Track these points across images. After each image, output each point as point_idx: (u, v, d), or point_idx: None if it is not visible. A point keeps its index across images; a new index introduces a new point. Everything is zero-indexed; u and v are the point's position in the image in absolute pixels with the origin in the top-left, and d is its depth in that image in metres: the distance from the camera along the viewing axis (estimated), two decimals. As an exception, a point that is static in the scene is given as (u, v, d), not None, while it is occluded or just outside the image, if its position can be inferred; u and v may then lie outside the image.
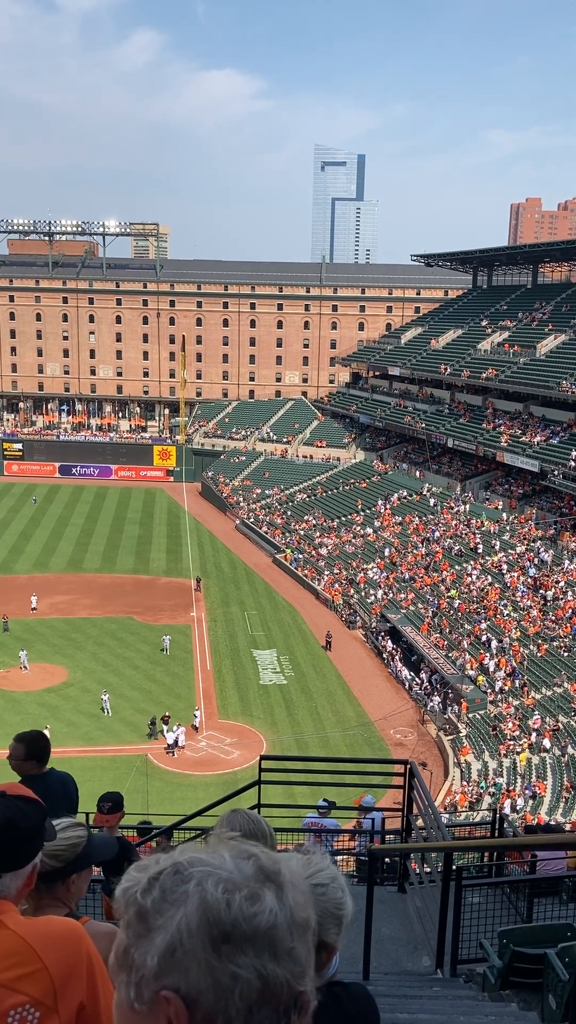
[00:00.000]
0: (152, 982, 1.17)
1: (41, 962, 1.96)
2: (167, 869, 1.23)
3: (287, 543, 73.74)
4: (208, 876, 1.20)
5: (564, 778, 36.16)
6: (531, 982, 7.11)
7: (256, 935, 1.17)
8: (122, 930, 1.23)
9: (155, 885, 1.22)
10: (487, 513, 63.18)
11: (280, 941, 1.19)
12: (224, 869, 1.21)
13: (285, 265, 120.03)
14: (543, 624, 47.56)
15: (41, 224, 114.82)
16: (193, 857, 1.24)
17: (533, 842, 10.71)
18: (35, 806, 2.31)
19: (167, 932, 1.18)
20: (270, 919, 1.19)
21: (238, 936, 1.16)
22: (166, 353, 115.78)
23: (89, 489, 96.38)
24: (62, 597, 62.21)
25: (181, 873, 1.22)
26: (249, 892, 1.19)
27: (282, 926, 1.19)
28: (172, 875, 1.22)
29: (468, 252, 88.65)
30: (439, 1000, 7.13)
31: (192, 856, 1.25)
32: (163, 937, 1.18)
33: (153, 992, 1.17)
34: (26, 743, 5.80)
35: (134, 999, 1.19)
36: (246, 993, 1.16)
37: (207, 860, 1.24)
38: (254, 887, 1.20)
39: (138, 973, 1.19)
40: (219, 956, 1.16)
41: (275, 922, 1.19)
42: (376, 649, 54.30)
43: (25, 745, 5.79)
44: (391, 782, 13.62)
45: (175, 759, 40.83)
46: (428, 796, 10.04)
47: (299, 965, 1.20)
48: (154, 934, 1.19)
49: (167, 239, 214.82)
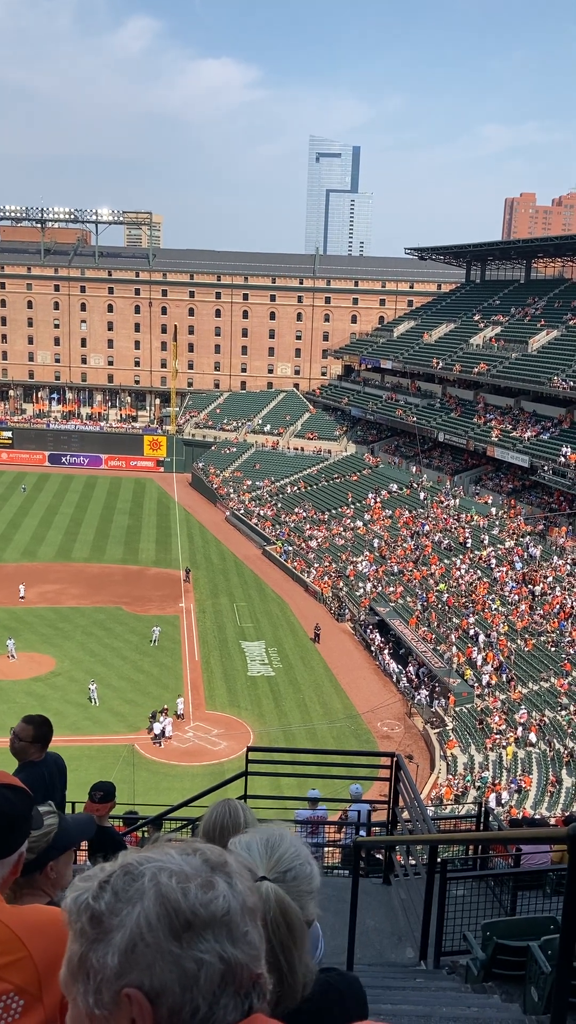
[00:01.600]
0: (113, 982, 1.17)
1: (26, 950, 1.96)
2: (116, 872, 1.24)
3: (277, 535, 73.78)
4: (160, 870, 1.22)
5: (549, 772, 36.38)
6: (514, 974, 7.15)
7: (214, 920, 1.20)
8: (74, 941, 1.22)
9: (106, 888, 1.22)
10: (477, 508, 63.34)
11: (236, 925, 1.22)
12: (174, 863, 1.24)
13: (278, 256, 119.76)
14: (531, 619, 47.76)
15: (33, 211, 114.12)
16: (141, 856, 1.26)
17: (518, 836, 10.77)
18: (21, 794, 2.30)
19: (126, 929, 1.18)
20: (224, 905, 1.22)
21: (198, 923, 1.19)
22: (158, 343, 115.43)
23: (79, 478, 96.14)
24: (50, 586, 62.10)
25: (131, 873, 1.23)
26: (202, 881, 1.22)
27: (236, 911, 1.23)
28: (122, 876, 1.23)
29: (462, 246, 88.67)
30: (422, 991, 7.17)
31: (139, 856, 1.27)
32: (122, 935, 1.18)
33: (115, 992, 1.17)
34: (35, 726, 5.84)
35: (93, 1005, 1.18)
36: (211, 978, 1.18)
37: (156, 857, 1.26)
38: (206, 876, 1.23)
39: (97, 977, 1.18)
40: (181, 944, 1.17)
41: (229, 907, 1.22)
42: (364, 642, 54.43)
43: (35, 728, 5.83)
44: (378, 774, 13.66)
45: (162, 749, 40.89)
46: (414, 789, 10.08)
47: (254, 948, 1.25)
48: (112, 934, 1.19)
49: (160, 228, 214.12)
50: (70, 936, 1.23)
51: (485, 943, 7.49)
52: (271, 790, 21.23)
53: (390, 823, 11.17)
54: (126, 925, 1.19)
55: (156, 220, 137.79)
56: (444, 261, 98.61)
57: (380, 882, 10.55)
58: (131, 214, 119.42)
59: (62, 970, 1.24)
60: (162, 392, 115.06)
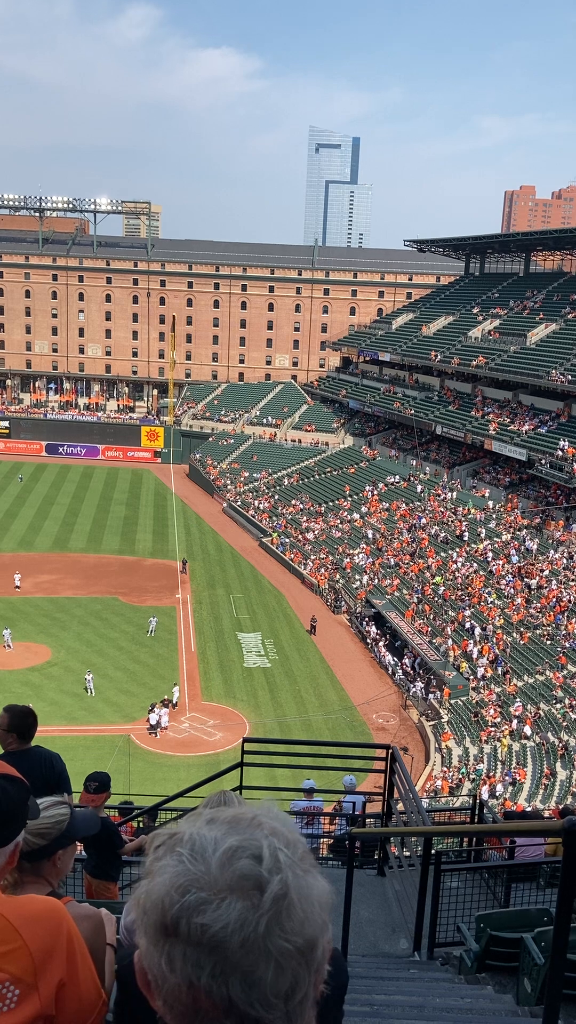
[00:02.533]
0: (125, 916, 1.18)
1: (22, 940, 1.96)
2: (177, 836, 1.19)
3: (274, 527, 73.78)
4: (176, 863, 1.14)
5: (544, 765, 36.49)
6: (507, 966, 7.18)
7: (199, 943, 1.07)
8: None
9: (164, 843, 1.19)
10: (474, 501, 63.37)
11: (230, 959, 1.07)
12: (202, 860, 1.13)
13: (277, 247, 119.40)
14: (527, 612, 47.84)
15: (32, 200, 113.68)
16: (191, 835, 1.17)
17: (512, 828, 10.80)
18: (18, 784, 2.30)
19: (138, 893, 1.16)
20: (221, 933, 1.07)
21: (182, 935, 1.08)
22: (156, 333, 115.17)
23: (76, 469, 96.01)
24: (47, 576, 62.07)
25: (181, 843, 1.17)
26: (206, 897, 1.09)
27: (234, 943, 1.07)
28: (168, 838, 1.19)
29: (461, 239, 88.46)
30: (415, 982, 7.20)
31: (190, 833, 1.18)
32: (138, 892, 1.17)
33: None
34: (11, 715, 5.69)
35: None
36: (173, 994, 1.10)
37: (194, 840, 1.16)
38: (220, 894, 1.09)
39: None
40: (156, 944, 1.11)
41: (225, 937, 1.07)
42: (360, 634, 54.50)
43: (10, 717, 5.68)
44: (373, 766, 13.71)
45: (157, 740, 40.94)
46: (409, 781, 10.11)
47: (256, 991, 1.07)
48: (140, 884, 1.17)
49: (159, 218, 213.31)
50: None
51: (479, 935, 7.53)
52: (266, 781, 21.27)
53: (385, 815, 11.21)
54: (139, 890, 1.17)
55: (155, 210, 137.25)
56: (443, 253, 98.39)
57: (375, 873, 10.60)
58: (130, 204, 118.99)
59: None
60: (160, 383, 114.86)
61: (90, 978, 2.10)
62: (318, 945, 1.13)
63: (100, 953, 2.84)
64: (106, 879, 8.31)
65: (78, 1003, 2.05)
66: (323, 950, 1.14)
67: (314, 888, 1.15)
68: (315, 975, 1.13)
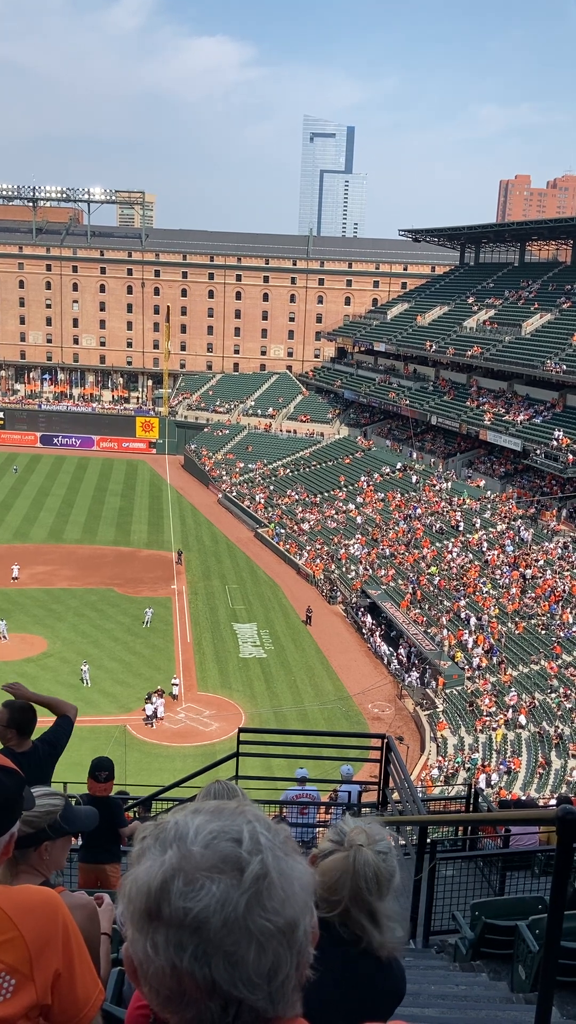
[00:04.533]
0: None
1: (17, 930, 1.97)
2: (161, 825, 1.23)
3: (269, 518, 73.79)
4: (160, 850, 1.18)
5: (538, 754, 36.65)
6: (502, 953, 7.23)
7: (181, 924, 1.10)
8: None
9: (149, 833, 1.23)
10: (469, 491, 63.42)
11: (213, 939, 1.10)
12: (184, 845, 1.16)
13: (272, 237, 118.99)
14: (522, 602, 47.96)
15: (25, 189, 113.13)
16: (175, 822, 1.22)
17: (507, 817, 10.85)
18: (12, 775, 2.30)
19: (123, 882, 1.20)
20: (202, 913, 1.10)
21: (164, 918, 1.12)
22: (150, 323, 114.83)
23: (70, 459, 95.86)
24: (42, 568, 62.02)
25: (164, 831, 1.21)
26: (188, 879, 1.12)
27: (215, 923, 1.10)
28: (155, 828, 1.23)
29: (456, 228, 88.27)
30: (411, 970, 7.23)
31: (174, 821, 1.22)
32: (124, 881, 1.21)
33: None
34: (10, 711, 5.56)
35: None
36: (158, 978, 1.12)
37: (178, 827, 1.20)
38: (202, 874, 1.13)
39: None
40: (141, 930, 1.14)
41: (207, 917, 1.10)
42: (356, 624, 54.60)
43: (9, 712, 5.55)
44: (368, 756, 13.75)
45: (153, 730, 41.02)
46: (404, 770, 10.14)
47: (239, 970, 1.10)
48: (129, 871, 1.21)
49: (153, 208, 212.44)
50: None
51: (474, 922, 7.57)
52: (262, 771, 21.34)
53: (380, 804, 11.24)
54: (126, 878, 1.20)
55: (149, 200, 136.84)
56: (438, 243, 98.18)
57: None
58: (124, 193, 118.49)
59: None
60: (154, 373, 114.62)
61: (86, 968, 2.10)
62: (299, 926, 1.15)
63: (95, 942, 2.86)
64: (104, 862, 8.34)
65: (74, 993, 2.06)
66: (305, 931, 1.16)
67: (295, 870, 1.17)
68: (298, 957, 1.15)
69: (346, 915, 2.16)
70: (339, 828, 2.31)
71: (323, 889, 2.19)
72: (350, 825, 2.33)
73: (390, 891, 2.22)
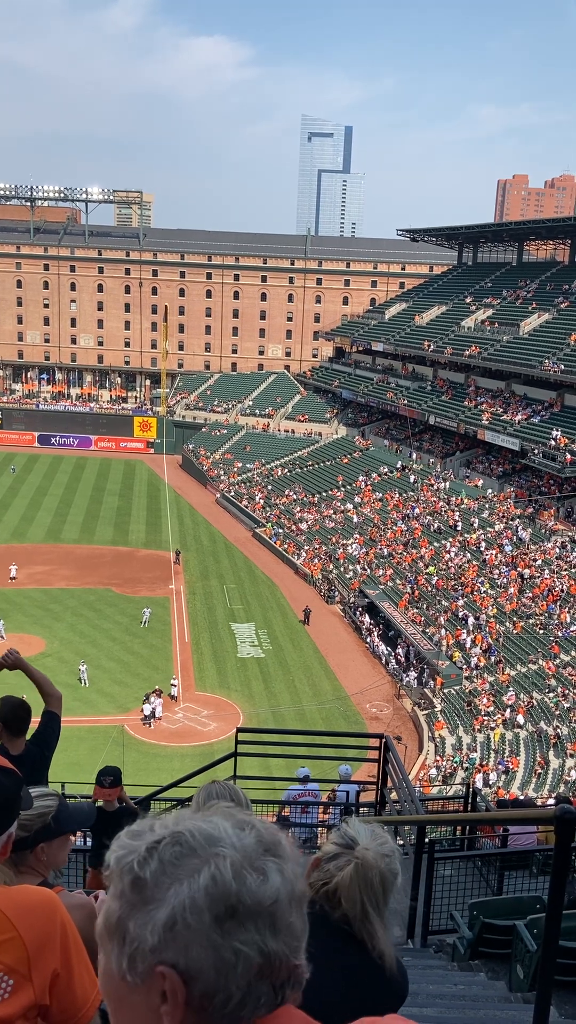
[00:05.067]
0: (148, 956, 1.13)
1: (15, 930, 1.97)
2: (166, 839, 1.19)
3: (267, 517, 73.78)
4: (216, 850, 1.17)
5: (537, 754, 36.66)
6: (500, 953, 7.23)
7: (260, 911, 1.15)
8: (114, 899, 1.19)
9: (154, 855, 1.18)
10: (467, 491, 63.44)
11: (281, 916, 1.17)
12: (229, 842, 1.19)
13: (270, 237, 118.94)
14: (520, 602, 47.98)
15: (23, 189, 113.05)
16: (194, 827, 1.20)
17: (505, 817, 10.85)
18: (10, 775, 2.30)
19: (168, 906, 1.14)
20: (273, 894, 1.17)
21: (243, 912, 1.14)
22: (148, 323, 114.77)
23: (68, 459, 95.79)
24: (40, 567, 61.97)
25: (182, 845, 1.18)
26: (257, 867, 1.18)
27: (283, 900, 1.18)
28: (171, 846, 1.18)
29: (454, 228, 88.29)
30: (409, 970, 7.21)
31: (193, 826, 1.21)
32: (164, 912, 1.14)
33: (149, 966, 1.14)
34: (2, 707, 5.44)
35: (127, 970, 1.16)
36: (248, 969, 1.13)
37: (210, 832, 1.20)
38: (260, 862, 1.18)
39: (133, 945, 1.15)
40: (222, 932, 1.13)
41: (278, 897, 1.17)
42: (354, 624, 54.60)
43: (1, 709, 5.41)
44: (366, 755, 13.75)
45: (151, 730, 41.00)
46: (402, 769, 10.14)
47: (296, 939, 1.19)
48: (153, 908, 1.15)
49: (151, 207, 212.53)
50: (110, 892, 1.21)
51: (472, 922, 7.57)
52: (260, 771, 21.33)
53: (378, 803, 11.25)
54: (169, 902, 1.14)
55: (147, 199, 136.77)
56: (436, 243, 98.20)
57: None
58: (121, 193, 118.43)
59: (99, 920, 1.22)
60: (152, 373, 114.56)
61: (84, 968, 2.10)
62: (307, 891, 1.26)
63: (93, 943, 2.85)
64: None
65: (72, 993, 2.06)
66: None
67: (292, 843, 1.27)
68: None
69: (350, 917, 2.17)
70: (343, 831, 2.33)
71: (327, 891, 2.21)
72: (354, 828, 2.35)
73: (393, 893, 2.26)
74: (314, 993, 1.30)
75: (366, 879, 2.17)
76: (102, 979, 1.22)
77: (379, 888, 2.19)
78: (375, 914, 2.17)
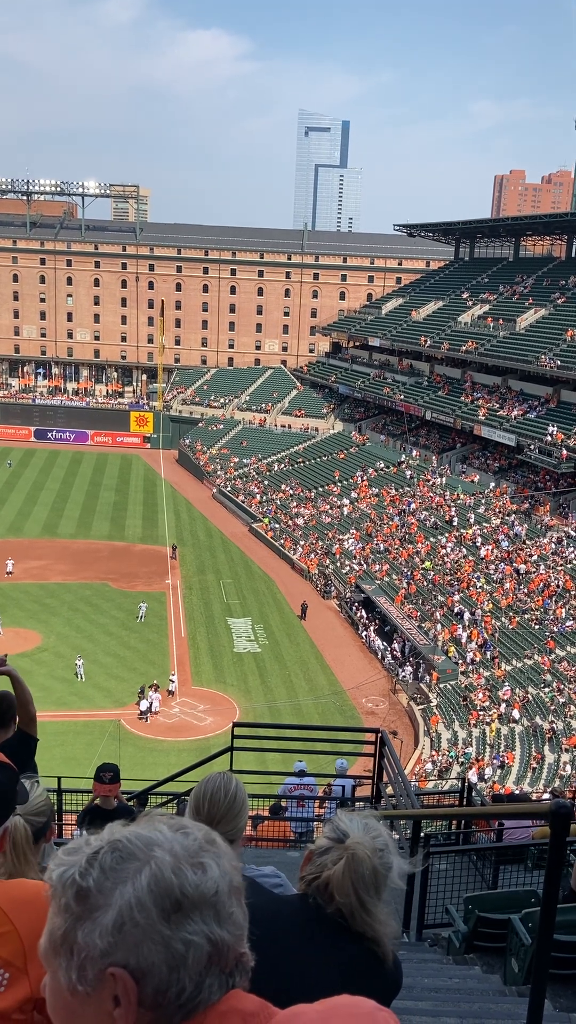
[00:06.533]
0: (98, 960, 1.16)
1: (11, 924, 1.97)
2: (103, 848, 1.23)
3: (264, 512, 73.76)
4: (154, 850, 1.22)
5: (532, 748, 36.74)
6: (495, 946, 7.25)
7: (203, 901, 1.20)
8: (57, 914, 1.21)
9: (94, 864, 1.21)
10: (463, 486, 63.46)
11: (223, 906, 1.22)
12: (166, 842, 1.24)
13: (267, 231, 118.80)
14: (515, 597, 48.05)
15: (19, 183, 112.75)
16: (131, 833, 1.25)
17: (500, 811, 10.88)
18: (7, 770, 2.30)
19: (114, 909, 1.17)
20: (213, 885, 1.22)
21: (188, 904, 1.19)
22: (145, 318, 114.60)
23: (65, 454, 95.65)
24: (36, 562, 61.92)
25: (120, 851, 1.22)
26: (195, 862, 1.23)
27: (223, 891, 1.23)
28: (111, 853, 1.22)
29: (451, 223, 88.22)
30: (404, 963, 7.23)
31: (129, 832, 1.25)
32: (111, 914, 1.17)
33: (99, 971, 1.16)
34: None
35: (76, 981, 1.17)
36: (198, 958, 1.18)
37: (146, 836, 1.25)
38: (197, 857, 1.23)
39: (82, 954, 1.17)
40: (170, 926, 1.17)
41: (218, 888, 1.22)
42: (350, 619, 54.64)
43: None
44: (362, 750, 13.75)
45: (148, 725, 41.02)
46: (398, 764, 10.16)
47: (239, 928, 1.25)
48: (99, 912, 1.18)
49: (147, 202, 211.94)
50: (52, 910, 1.22)
51: (467, 916, 7.59)
52: (256, 765, 21.35)
53: (374, 798, 11.26)
54: (114, 904, 1.18)
55: (143, 193, 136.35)
56: (433, 238, 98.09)
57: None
58: (118, 187, 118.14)
59: (42, 941, 1.23)
60: (149, 368, 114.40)
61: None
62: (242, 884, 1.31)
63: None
64: None
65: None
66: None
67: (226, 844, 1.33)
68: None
69: (343, 911, 2.18)
70: (336, 824, 2.33)
71: (319, 885, 2.22)
72: (346, 821, 2.36)
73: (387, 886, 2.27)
74: (310, 989, 1.33)
75: (358, 873, 2.17)
76: (49, 999, 1.23)
77: (371, 881, 2.19)
78: (366, 907, 2.18)
